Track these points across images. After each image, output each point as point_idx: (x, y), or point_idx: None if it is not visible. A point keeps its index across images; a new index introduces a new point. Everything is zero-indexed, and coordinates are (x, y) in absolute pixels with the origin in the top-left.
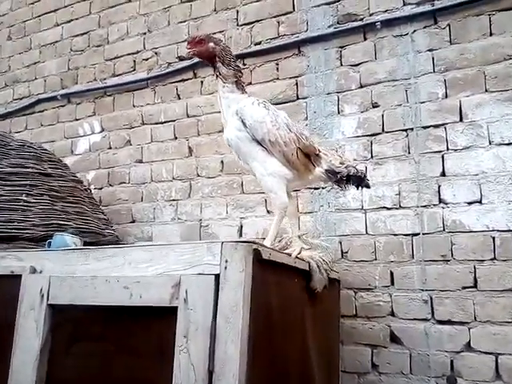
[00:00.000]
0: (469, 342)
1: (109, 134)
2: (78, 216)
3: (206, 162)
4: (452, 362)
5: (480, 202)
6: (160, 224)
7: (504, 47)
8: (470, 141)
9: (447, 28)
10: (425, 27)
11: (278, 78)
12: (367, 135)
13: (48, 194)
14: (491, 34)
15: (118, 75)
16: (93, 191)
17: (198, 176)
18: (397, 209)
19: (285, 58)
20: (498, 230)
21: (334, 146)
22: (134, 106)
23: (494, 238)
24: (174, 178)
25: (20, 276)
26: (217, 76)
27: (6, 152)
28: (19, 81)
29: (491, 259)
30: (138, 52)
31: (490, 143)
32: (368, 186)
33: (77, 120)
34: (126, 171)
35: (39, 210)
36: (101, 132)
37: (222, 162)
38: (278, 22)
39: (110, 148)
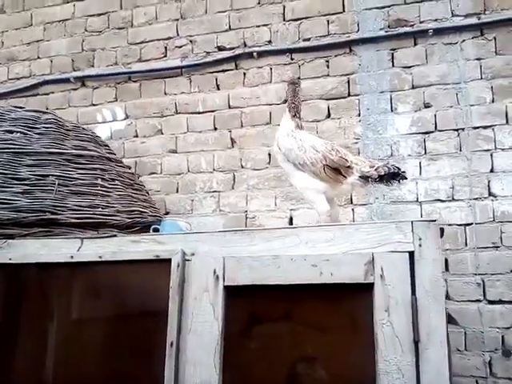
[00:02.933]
0: None
1: (135, 121)
2: (146, 203)
3: (251, 154)
4: (503, 336)
5: None
6: (199, 216)
7: None
8: None
9: (493, 40)
10: (473, 38)
11: (328, 75)
12: (421, 133)
13: (117, 179)
14: None
15: (145, 61)
16: None
17: (243, 168)
18: (450, 201)
19: (335, 55)
20: None
21: (389, 141)
22: (165, 94)
23: None
24: (214, 170)
25: (168, 260)
26: None
27: (65, 133)
28: (16, 59)
29: None
30: (169, 38)
31: None
32: (404, 178)
33: (94, 105)
34: (157, 161)
35: (117, 196)
36: (125, 119)
37: (269, 154)
38: (328, 21)
39: (137, 136)
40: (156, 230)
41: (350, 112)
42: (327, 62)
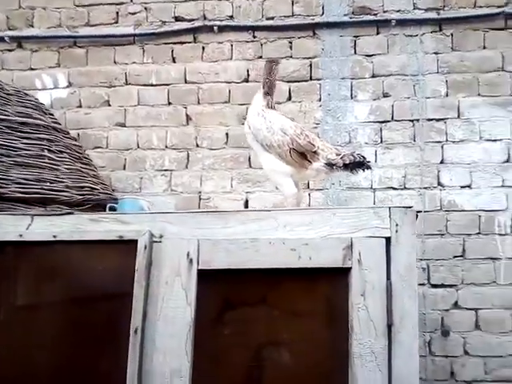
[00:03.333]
0: (456, 301)
1: (79, 90)
2: (95, 179)
3: (207, 133)
4: (443, 318)
5: (470, 186)
6: (149, 195)
7: (494, 60)
8: (465, 135)
9: (450, 36)
10: (432, 32)
11: (291, 57)
12: (378, 121)
13: (66, 151)
14: (484, 48)
15: (93, 25)
16: None
17: (198, 147)
18: (402, 189)
19: (299, 37)
20: (483, 210)
21: (347, 128)
22: (115, 63)
23: (479, 217)
24: (167, 147)
25: (134, 241)
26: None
27: (6, 97)
28: None
29: (477, 233)
30: (122, 3)
31: (480, 138)
32: (369, 167)
33: (32, 70)
34: (103, 134)
35: (66, 170)
36: (67, 87)
37: (226, 134)
38: (292, 1)
39: (81, 106)
40: (112, 209)
41: (311, 96)
42: (290, 43)
